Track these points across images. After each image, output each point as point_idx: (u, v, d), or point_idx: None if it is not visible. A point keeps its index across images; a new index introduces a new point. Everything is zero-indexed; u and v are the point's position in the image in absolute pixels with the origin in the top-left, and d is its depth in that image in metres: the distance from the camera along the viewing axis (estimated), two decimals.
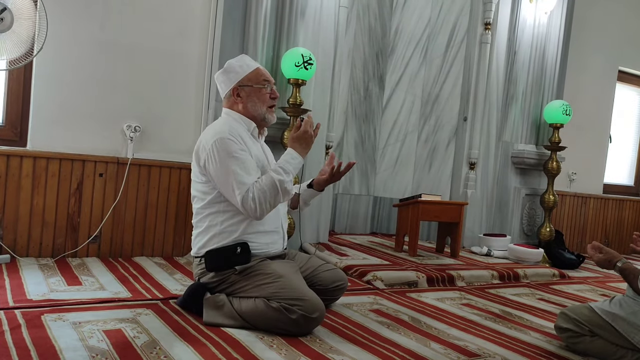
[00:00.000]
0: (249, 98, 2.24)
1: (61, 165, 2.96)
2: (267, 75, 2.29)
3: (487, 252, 4.10)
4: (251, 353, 1.80)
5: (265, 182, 2.06)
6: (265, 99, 2.25)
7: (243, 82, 2.24)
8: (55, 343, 1.74)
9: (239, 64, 2.27)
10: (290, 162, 2.13)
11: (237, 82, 2.25)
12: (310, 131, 2.19)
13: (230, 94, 2.27)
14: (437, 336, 2.19)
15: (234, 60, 2.30)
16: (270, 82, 2.28)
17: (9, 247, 2.84)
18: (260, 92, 2.24)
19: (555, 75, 4.59)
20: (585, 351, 2.11)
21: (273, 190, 2.05)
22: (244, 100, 2.25)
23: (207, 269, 2.16)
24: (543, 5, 4.46)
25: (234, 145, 2.10)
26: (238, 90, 2.25)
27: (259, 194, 2.04)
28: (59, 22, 2.93)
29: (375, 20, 4.64)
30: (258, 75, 2.26)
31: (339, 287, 2.40)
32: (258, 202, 2.03)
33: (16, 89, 2.94)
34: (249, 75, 2.25)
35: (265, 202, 2.05)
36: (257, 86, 2.24)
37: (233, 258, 2.12)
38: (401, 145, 4.79)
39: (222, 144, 2.09)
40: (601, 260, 2.04)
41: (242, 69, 2.25)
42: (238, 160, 2.08)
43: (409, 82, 4.76)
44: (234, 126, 2.20)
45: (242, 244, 2.13)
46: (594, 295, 3.35)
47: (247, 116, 2.26)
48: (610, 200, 5.76)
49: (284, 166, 2.11)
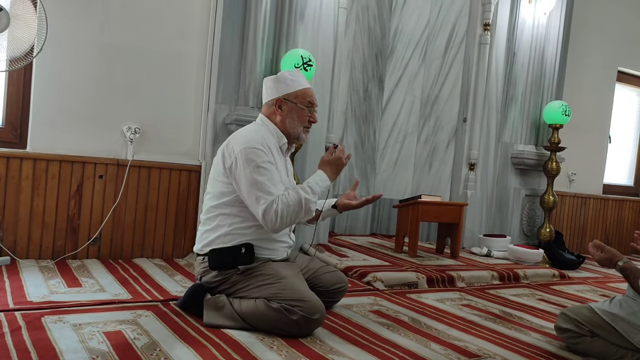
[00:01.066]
0: (289, 114, 2.23)
1: (61, 167, 2.96)
2: (313, 98, 2.27)
3: (487, 252, 4.10)
4: (252, 354, 1.80)
5: (292, 198, 2.06)
6: (304, 120, 2.25)
7: (289, 97, 2.23)
8: (55, 345, 1.74)
9: (292, 77, 2.25)
10: (319, 184, 2.14)
11: (283, 95, 2.23)
12: (343, 159, 2.21)
13: (273, 103, 2.25)
14: (437, 337, 2.19)
15: (288, 72, 2.29)
16: (314, 106, 2.28)
17: (9, 249, 2.84)
18: (301, 111, 2.24)
19: (554, 76, 4.59)
20: (585, 351, 2.11)
21: (297, 207, 2.06)
22: (284, 115, 2.23)
23: (210, 267, 2.16)
24: (542, 6, 4.47)
25: (264, 156, 2.09)
26: (281, 102, 2.23)
27: (283, 208, 2.04)
28: (59, 23, 2.93)
29: (374, 21, 4.65)
30: (305, 95, 2.25)
31: (340, 289, 2.40)
32: (280, 215, 2.03)
33: (16, 91, 2.94)
34: (297, 92, 2.23)
35: (287, 217, 2.05)
36: (300, 105, 2.23)
37: (237, 258, 2.13)
38: (401, 146, 4.80)
39: (252, 153, 2.08)
40: (602, 259, 2.03)
41: (293, 83, 2.24)
42: (265, 170, 2.07)
43: (408, 83, 4.76)
44: (266, 136, 2.20)
45: (247, 245, 2.14)
46: (594, 295, 3.36)
47: (281, 130, 2.25)
48: (610, 200, 5.76)
49: (313, 187, 2.12)
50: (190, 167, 3.33)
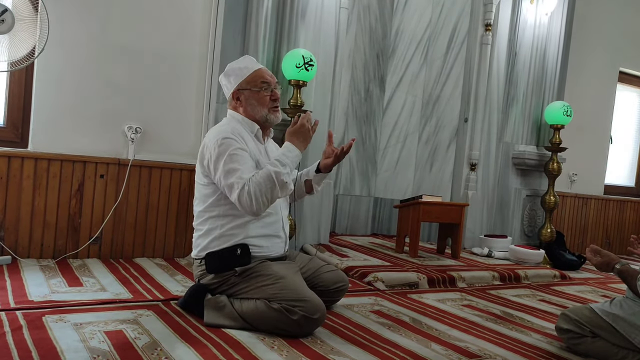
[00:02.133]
0: (248, 101, 2.23)
1: (62, 166, 2.97)
2: (266, 77, 2.25)
3: (488, 253, 4.10)
4: (252, 354, 1.80)
5: (261, 175, 2.03)
6: (265, 101, 2.23)
7: (242, 86, 2.24)
8: (56, 344, 1.74)
9: (238, 66, 2.26)
10: (287, 154, 2.10)
11: (236, 86, 2.24)
12: (308, 125, 2.15)
13: (231, 97, 2.27)
14: (438, 337, 2.19)
15: (235, 62, 2.30)
16: (270, 82, 2.25)
17: (10, 249, 2.84)
18: (258, 94, 2.22)
19: (556, 76, 4.59)
20: (586, 352, 2.11)
21: (269, 182, 2.01)
22: (244, 104, 2.24)
23: (207, 270, 2.16)
24: (544, 6, 4.46)
25: (235, 143, 2.10)
26: (238, 94, 2.25)
27: (255, 187, 2.01)
28: (60, 23, 2.93)
29: (376, 22, 4.65)
30: (256, 77, 2.24)
31: (340, 289, 2.40)
32: (254, 195, 2.00)
33: (17, 90, 2.95)
34: (247, 79, 2.23)
35: (262, 196, 2.01)
36: (255, 89, 2.22)
37: (233, 260, 2.12)
38: (402, 146, 4.79)
39: (223, 142, 2.09)
40: (600, 263, 2.05)
41: (242, 72, 2.24)
42: (237, 157, 2.07)
43: (409, 83, 4.76)
44: (236, 127, 2.21)
45: (242, 246, 2.13)
46: (594, 296, 3.35)
47: (249, 119, 2.25)
48: (611, 201, 5.75)
49: (281, 158, 2.08)
50: (192, 166, 3.32)
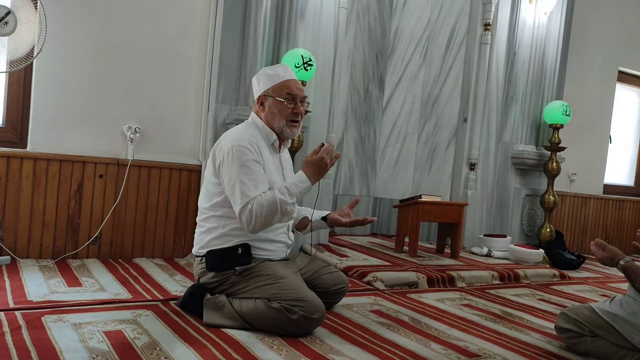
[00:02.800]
0: (270, 109, 2.20)
1: (61, 166, 2.96)
2: (293, 90, 2.20)
3: (488, 252, 4.10)
4: (252, 354, 1.80)
5: (266, 199, 2.02)
6: (286, 113, 2.19)
7: (268, 92, 2.21)
8: (55, 344, 1.74)
9: (271, 72, 2.23)
10: (298, 185, 2.08)
11: (263, 91, 2.22)
12: (327, 159, 2.09)
13: (257, 101, 2.25)
14: (437, 337, 2.19)
15: (270, 67, 2.27)
16: (296, 96, 2.20)
17: (9, 249, 2.84)
18: (281, 105, 2.19)
19: (555, 76, 4.59)
20: (585, 351, 2.11)
21: (272, 208, 2.02)
22: (266, 111, 2.21)
23: (207, 268, 2.16)
24: (543, 6, 4.47)
25: (250, 154, 2.08)
26: (263, 99, 2.22)
27: (257, 208, 2.01)
28: (59, 23, 2.93)
29: (375, 21, 4.65)
30: (283, 87, 2.19)
31: (340, 290, 2.40)
32: (254, 215, 2.01)
33: (16, 90, 2.94)
34: (275, 86, 2.20)
35: (261, 218, 2.02)
36: (279, 99, 2.19)
37: (234, 259, 2.12)
38: (401, 146, 4.79)
39: (238, 150, 2.07)
40: (604, 257, 2.03)
41: (272, 78, 2.21)
42: (249, 170, 2.06)
43: (408, 83, 4.76)
44: (255, 135, 2.18)
45: (244, 245, 2.13)
46: (594, 295, 3.35)
47: (268, 126, 2.23)
48: (611, 200, 5.76)
49: (290, 188, 2.06)
50: (191, 166, 3.33)
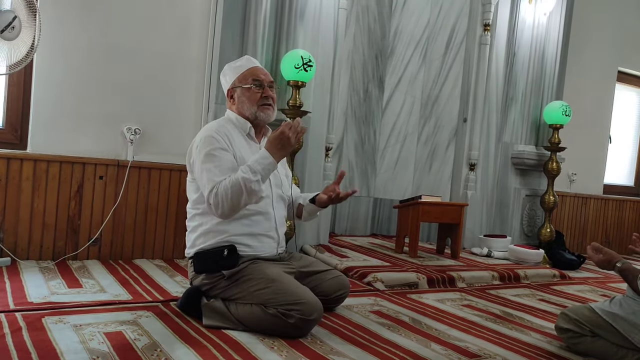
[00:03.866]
0: (239, 99, 2.25)
1: (61, 168, 2.96)
2: (258, 75, 2.25)
3: (488, 253, 4.10)
4: (252, 355, 1.80)
5: (230, 180, 2.00)
6: (255, 98, 2.22)
7: (235, 84, 2.26)
8: (56, 346, 1.74)
9: (235, 65, 2.30)
10: (260, 162, 2.03)
11: (230, 85, 2.27)
12: (289, 133, 2.04)
13: (227, 96, 2.30)
14: (437, 337, 2.19)
15: (233, 61, 2.33)
16: (263, 81, 2.24)
17: (10, 250, 2.84)
18: (249, 91, 2.23)
19: (554, 76, 4.60)
20: (586, 352, 2.11)
21: (237, 188, 1.98)
22: (236, 102, 2.26)
23: (195, 271, 2.17)
24: (542, 6, 4.47)
25: (216, 143, 2.10)
26: (231, 92, 2.28)
27: (222, 191, 2.00)
28: (59, 25, 2.93)
29: (374, 22, 4.65)
30: (248, 75, 2.25)
31: (341, 296, 2.39)
32: (220, 198, 2.00)
33: (16, 92, 2.94)
34: (240, 76, 2.26)
35: (227, 200, 1.99)
36: (245, 86, 2.24)
37: (220, 261, 2.10)
38: (401, 146, 4.79)
39: (205, 141, 2.11)
40: (601, 261, 2.04)
41: (237, 70, 2.27)
42: (214, 157, 2.07)
43: (408, 83, 4.76)
44: (226, 126, 2.21)
45: (229, 247, 2.11)
46: (594, 295, 3.35)
47: (242, 117, 2.26)
48: (611, 200, 5.76)
49: (253, 166, 2.02)
50: None
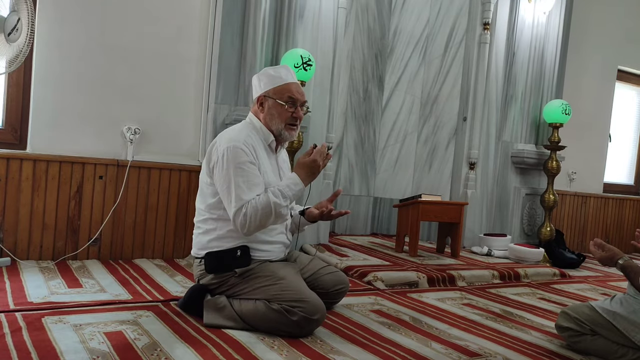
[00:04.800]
0: (269, 111, 2.19)
1: (61, 168, 2.96)
2: (294, 93, 2.18)
3: (488, 252, 4.10)
4: (252, 354, 1.80)
5: (261, 202, 2.02)
6: (285, 116, 2.18)
7: (269, 93, 2.19)
8: (56, 345, 1.74)
9: (274, 73, 2.21)
10: (291, 188, 2.07)
11: (264, 91, 2.20)
12: (320, 161, 2.09)
13: (256, 101, 2.23)
14: (438, 336, 2.19)
15: (273, 67, 2.25)
16: (297, 100, 2.18)
17: (10, 250, 2.84)
18: (281, 108, 2.17)
19: (554, 75, 4.59)
20: (586, 350, 2.11)
21: (266, 211, 2.01)
22: (265, 112, 2.20)
23: (207, 270, 2.16)
24: (542, 5, 4.47)
25: (244, 156, 2.06)
26: (263, 99, 2.21)
27: (251, 212, 2.01)
28: (59, 25, 2.93)
29: (374, 21, 4.65)
30: (285, 90, 2.17)
31: (340, 291, 2.39)
32: (248, 219, 2.01)
33: (16, 92, 2.94)
34: (277, 88, 2.18)
35: (255, 221, 2.02)
36: (279, 101, 2.17)
37: (233, 261, 2.12)
38: (401, 145, 4.79)
39: (233, 152, 2.06)
40: (603, 257, 2.03)
41: (274, 79, 2.19)
42: (243, 172, 2.05)
43: (408, 82, 4.76)
44: (251, 135, 2.17)
45: (243, 247, 2.13)
46: (594, 294, 3.35)
47: (266, 127, 2.21)
48: (611, 199, 5.75)
49: (284, 191, 2.06)
50: (190, 167, 3.33)
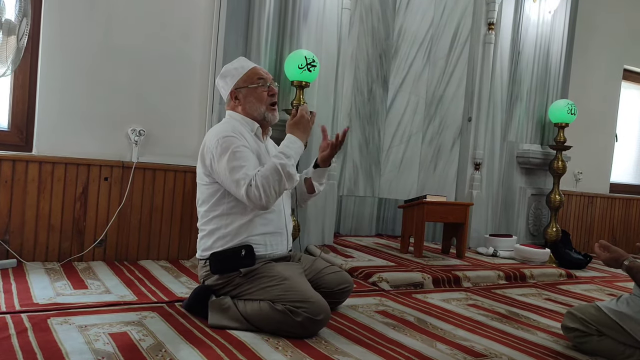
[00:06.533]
0: (246, 99, 2.25)
1: (67, 169, 2.98)
2: (261, 73, 2.28)
3: (493, 252, 4.09)
4: (257, 355, 1.80)
5: (267, 168, 2.04)
6: (263, 97, 2.25)
7: (239, 85, 2.25)
8: (61, 346, 1.75)
9: (234, 66, 2.29)
10: (289, 146, 2.11)
11: (233, 85, 2.26)
12: (307, 116, 2.17)
13: (229, 97, 2.29)
14: (443, 337, 2.18)
15: (229, 64, 2.33)
16: (266, 79, 2.27)
17: (16, 252, 2.85)
18: (256, 91, 2.24)
19: (559, 74, 4.57)
20: (592, 351, 2.10)
21: (276, 174, 2.02)
22: (242, 102, 2.26)
23: (212, 271, 2.16)
24: (547, 5, 4.45)
25: (237, 141, 2.10)
26: (235, 93, 2.27)
27: (262, 181, 2.01)
28: (64, 27, 2.94)
29: (378, 22, 4.64)
30: (252, 75, 2.26)
31: (345, 290, 2.39)
32: (262, 189, 2.00)
33: (21, 94, 2.96)
34: (243, 77, 2.26)
35: (270, 188, 2.01)
36: (252, 86, 2.24)
37: (238, 261, 2.12)
38: (406, 146, 4.78)
39: (225, 141, 2.10)
40: (608, 259, 2.03)
41: (237, 71, 2.27)
42: (241, 154, 2.07)
43: (412, 83, 4.75)
44: (236, 125, 2.22)
45: (247, 247, 2.13)
46: (601, 294, 3.33)
47: (249, 117, 2.26)
48: (617, 199, 5.72)
49: (285, 151, 2.09)
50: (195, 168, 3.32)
